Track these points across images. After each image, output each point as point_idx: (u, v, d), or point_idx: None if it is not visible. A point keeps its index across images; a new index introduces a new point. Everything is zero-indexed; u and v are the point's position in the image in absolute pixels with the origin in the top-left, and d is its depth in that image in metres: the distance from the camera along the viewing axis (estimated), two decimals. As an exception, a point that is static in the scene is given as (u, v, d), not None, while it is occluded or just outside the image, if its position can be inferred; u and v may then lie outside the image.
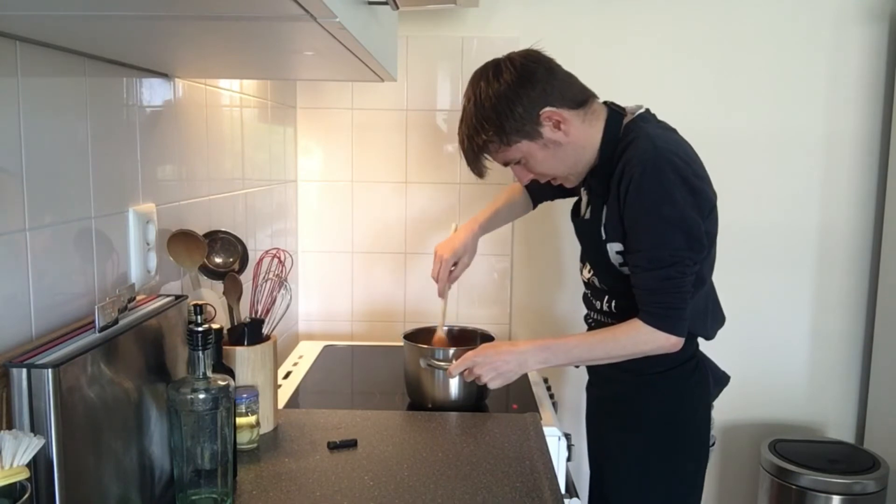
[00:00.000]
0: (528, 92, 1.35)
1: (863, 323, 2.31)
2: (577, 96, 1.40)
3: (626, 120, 1.42)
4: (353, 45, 0.96)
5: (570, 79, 1.41)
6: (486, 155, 1.43)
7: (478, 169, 1.45)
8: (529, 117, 1.36)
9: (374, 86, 2.20)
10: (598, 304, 1.52)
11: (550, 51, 1.42)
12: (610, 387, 1.55)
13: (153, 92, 1.29)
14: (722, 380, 1.53)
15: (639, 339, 1.35)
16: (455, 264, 1.65)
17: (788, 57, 2.20)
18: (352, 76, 1.63)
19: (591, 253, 1.49)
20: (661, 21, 2.19)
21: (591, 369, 1.62)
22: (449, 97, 2.24)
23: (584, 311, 1.61)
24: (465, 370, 1.44)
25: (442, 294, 1.66)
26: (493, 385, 1.42)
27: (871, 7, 2.18)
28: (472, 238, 1.66)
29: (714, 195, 1.40)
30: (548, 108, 1.35)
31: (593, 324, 1.56)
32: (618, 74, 2.18)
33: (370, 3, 0.99)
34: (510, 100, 1.35)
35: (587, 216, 1.49)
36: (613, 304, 1.47)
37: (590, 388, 1.65)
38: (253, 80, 1.81)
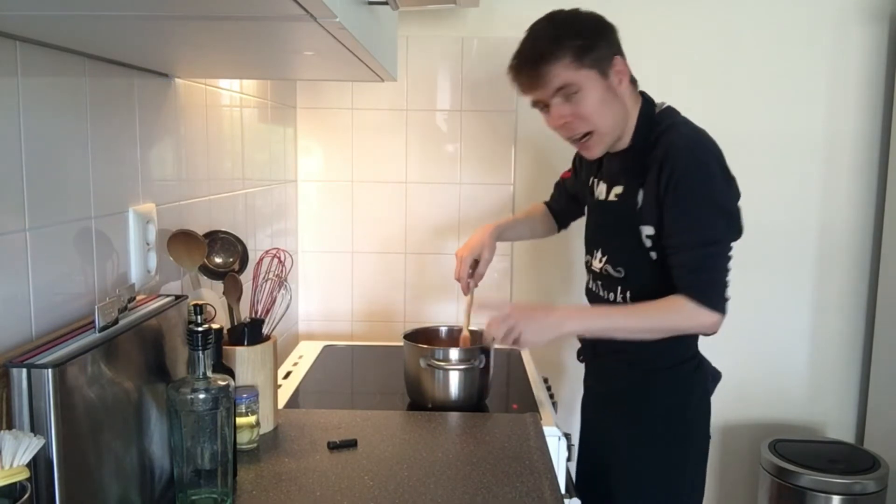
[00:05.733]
0: (612, 35, 1.41)
1: (863, 323, 2.31)
2: (631, 75, 1.45)
3: (657, 109, 1.47)
4: (353, 45, 0.96)
5: None
6: (548, 66, 1.36)
7: (527, 77, 1.39)
8: (609, 54, 1.39)
9: (374, 86, 2.20)
10: (610, 295, 1.50)
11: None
12: (616, 381, 1.55)
13: (153, 92, 1.29)
14: (716, 376, 1.55)
15: (682, 314, 1.35)
16: (476, 262, 1.64)
17: (788, 57, 2.20)
18: (352, 76, 1.63)
19: (614, 237, 1.48)
20: (660, 21, 2.19)
21: (597, 364, 1.62)
22: (449, 97, 2.24)
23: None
24: (504, 330, 1.36)
25: (466, 291, 1.65)
26: (532, 339, 1.36)
27: (871, 7, 2.18)
28: (488, 236, 1.65)
29: (739, 193, 1.43)
30: (620, 58, 1.40)
31: None
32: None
33: (370, 3, 0.99)
34: (605, 27, 1.40)
35: (612, 198, 1.48)
36: (628, 293, 1.46)
37: (590, 381, 1.65)
38: (253, 80, 1.81)
